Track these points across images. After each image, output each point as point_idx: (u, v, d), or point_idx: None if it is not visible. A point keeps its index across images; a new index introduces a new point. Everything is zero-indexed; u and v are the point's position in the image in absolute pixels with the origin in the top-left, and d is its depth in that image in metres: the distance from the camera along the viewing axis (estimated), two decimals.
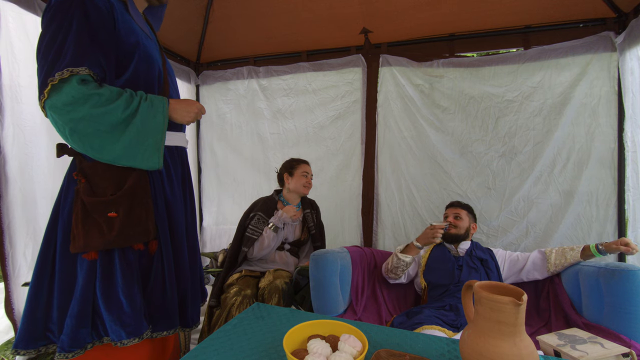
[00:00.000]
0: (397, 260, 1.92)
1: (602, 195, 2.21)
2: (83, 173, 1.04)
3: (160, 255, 1.15)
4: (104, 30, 1.02)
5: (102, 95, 0.97)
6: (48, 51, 0.95)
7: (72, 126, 0.95)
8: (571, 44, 2.23)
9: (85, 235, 1.00)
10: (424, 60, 2.53)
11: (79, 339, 1.01)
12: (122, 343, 1.04)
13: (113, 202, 1.04)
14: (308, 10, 2.50)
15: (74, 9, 0.98)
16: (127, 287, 1.05)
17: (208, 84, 3.10)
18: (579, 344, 1.32)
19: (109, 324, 1.04)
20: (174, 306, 1.17)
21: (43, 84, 0.94)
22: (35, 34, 1.79)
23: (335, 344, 0.93)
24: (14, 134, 1.68)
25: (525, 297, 0.79)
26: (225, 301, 1.88)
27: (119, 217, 1.03)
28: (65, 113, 0.94)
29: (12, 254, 1.66)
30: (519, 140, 2.37)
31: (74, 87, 0.94)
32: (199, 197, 3.19)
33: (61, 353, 0.99)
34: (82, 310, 1.01)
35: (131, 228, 1.05)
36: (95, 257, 1.03)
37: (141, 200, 1.08)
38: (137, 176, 1.08)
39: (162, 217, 1.16)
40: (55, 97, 0.93)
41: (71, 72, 0.93)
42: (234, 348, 1.04)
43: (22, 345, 1.02)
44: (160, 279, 1.14)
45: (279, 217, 2.11)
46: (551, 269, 1.82)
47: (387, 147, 2.66)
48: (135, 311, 1.06)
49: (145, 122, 1.02)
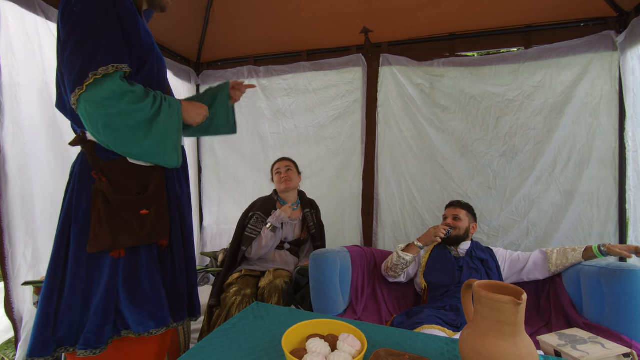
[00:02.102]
0: (398, 258, 1.93)
1: (603, 195, 2.20)
2: (102, 171, 1.04)
3: (171, 249, 1.19)
4: (130, 29, 1.05)
5: (135, 93, 1.00)
6: (82, 46, 0.95)
7: (107, 120, 0.97)
8: (572, 43, 2.22)
9: (112, 234, 1.02)
10: (425, 59, 2.53)
11: (104, 334, 1.03)
12: (149, 333, 1.06)
13: (145, 200, 1.07)
14: (308, 9, 2.49)
15: (107, 6, 0.99)
16: (154, 281, 1.09)
17: (208, 84, 3.10)
18: (580, 344, 1.32)
19: (137, 317, 1.06)
20: (184, 298, 1.21)
21: (82, 77, 0.93)
22: (35, 34, 1.80)
23: (334, 344, 0.93)
24: (13, 134, 1.68)
25: (525, 296, 0.79)
26: (225, 300, 1.88)
27: (150, 215, 1.07)
28: (102, 107, 0.95)
29: (12, 253, 1.66)
30: (520, 140, 2.37)
31: (117, 83, 0.96)
32: (200, 196, 3.19)
33: (87, 350, 1.00)
34: (107, 307, 1.03)
35: (161, 225, 1.10)
36: (123, 254, 1.05)
37: (163, 197, 1.13)
38: (158, 174, 1.12)
39: (175, 213, 1.20)
40: (95, 91, 0.94)
41: (115, 69, 0.95)
42: (233, 347, 1.04)
43: (37, 353, 1.00)
44: (172, 273, 1.19)
45: (276, 217, 2.11)
46: (552, 269, 1.81)
47: (387, 147, 2.65)
48: (162, 302, 1.10)
49: (166, 122, 1.05)
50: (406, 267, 1.95)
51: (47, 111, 1.83)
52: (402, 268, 1.95)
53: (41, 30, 1.83)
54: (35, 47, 1.80)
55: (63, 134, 1.89)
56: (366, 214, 2.70)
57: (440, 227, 1.91)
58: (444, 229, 1.91)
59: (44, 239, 1.80)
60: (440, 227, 1.91)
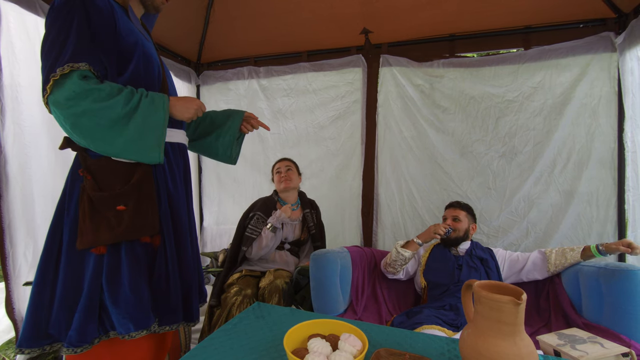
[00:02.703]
0: (397, 254, 1.94)
1: (602, 196, 2.21)
2: (88, 170, 1.06)
3: (164, 249, 1.16)
4: (105, 30, 1.05)
5: (102, 90, 0.99)
6: (50, 50, 0.98)
7: (74, 121, 0.98)
8: (571, 44, 2.23)
9: (94, 230, 1.02)
10: (425, 60, 2.53)
11: (87, 333, 1.02)
12: (129, 336, 1.04)
13: (121, 195, 1.06)
14: (309, 10, 2.50)
15: (76, 10, 1.01)
16: (135, 280, 1.07)
17: (209, 84, 3.11)
18: (579, 344, 1.32)
19: (117, 318, 1.04)
20: (177, 301, 1.18)
21: (46, 80, 0.96)
22: (36, 34, 1.80)
23: (336, 343, 0.93)
24: (14, 134, 1.68)
25: (525, 296, 0.79)
26: (226, 301, 1.88)
27: (127, 210, 1.06)
28: (66, 108, 0.96)
29: (13, 254, 1.66)
30: (519, 141, 2.37)
31: (75, 82, 0.96)
32: (200, 196, 3.19)
33: (69, 348, 1.00)
34: (90, 305, 1.03)
35: (139, 221, 1.08)
36: (104, 251, 1.05)
37: (147, 193, 1.11)
38: (143, 171, 1.10)
39: (166, 211, 1.18)
40: (57, 92, 0.96)
41: (72, 67, 0.95)
42: (235, 347, 1.04)
43: (26, 344, 1.02)
44: (164, 273, 1.16)
45: (276, 217, 2.11)
46: (551, 269, 1.82)
47: (387, 148, 2.66)
48: (142, 304, 1.07)
49: (146, 118, 1.04)
50: (405, 263, 1.96)
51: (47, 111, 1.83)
52: (400, 264, 1.96)
53: (42, 30, 1.80)
54: (36, 47, 1.79)
55: (63, 134, 1.88)
56: (366, 214, 2.71)
57: (441, 225, 1.94)
58: (445, 227, 1.93)
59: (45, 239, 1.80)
60: (441, 225, 1.94)
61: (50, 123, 1.85)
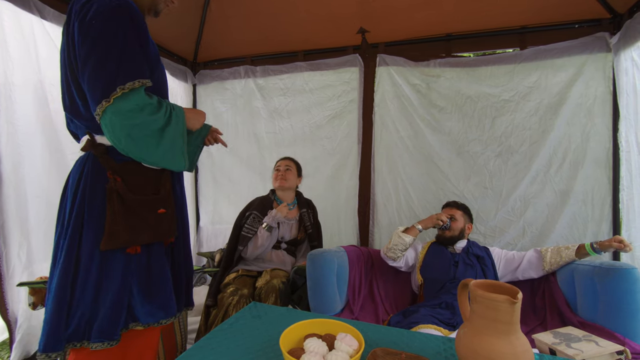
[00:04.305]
0: (397, 239, 1.95)
1: (597, 195, 2.23)
2: (117, 172, 1.10)
3: (179, 245, 1.28)
4: (145, 43, 1.11)
5: (152, 105, 1.06)
6: (106, 61, 1.00)
7: (129, 131, 1.02)
8: (567, 44, 2.24)
9: (130, 231, 1.08)
10: (421, 60, 2.54)
11: (117, 328, 1.07)
12: (159, 323, 1.13)
13: (161, 200, 1.16)
14: (305, 10, 2.50)
15: (125, 21, 1.04)
16: (164, 273, 1.17)
17: (205, 84, 3.10)
18: (574, 342, 1.33)
19: (149, 309, 1.11)
20: (182, 291, 1.30)
21: (108, 90, 0.98)
22: (30, 33, 1.78)
23: (332, 343, 0.93)
24: (7, 133, 1.66)
25: (521, 295, 0.79)
26: (222, 301, 1.87)
27: (167, 214, 1.17)
28: (127, 119, 1.01)
29: (6, 254, 1.65)
30: (515, 140, 2.38)
31: (142, 97, 1.03)
32: (196, 196, 3.18)
33: (104, 342, 1.04)
34: (120, 301, 1.07)
35: (173, 223, 1.21)
36: (139, 251, 1.11)
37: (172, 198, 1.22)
38: (167, 177, 1.21)
39: (179, 213, 1.29)
40: (122, 103, 0.99)
41: (141, 83, 1.02)
42: (231, 347, 1.04)
43: (50, 348, 1.02)
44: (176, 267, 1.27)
45: (272, 217, 2.10)
46: (547, 268, 1.83)
47: (383, 147, 2.66)
48: (171, 294, 1.18)
49: (175, 129, 1.12)
50: (405, 249, 1.97)
51: (41, 111, 1.82)
52: (401, 250, 1.97)
53: (36, 29, 1.81)
54: (30, 46, 1.79)
55: (58, 133, 1.87)
56: (362, 214, 2.71)
57: (443, 214, 1.99)
58: (447, 216, 1.99)
59: (39, 240, 1.79)
60: (443, 214, 1.99)
61: (44, 123, 1.83)
